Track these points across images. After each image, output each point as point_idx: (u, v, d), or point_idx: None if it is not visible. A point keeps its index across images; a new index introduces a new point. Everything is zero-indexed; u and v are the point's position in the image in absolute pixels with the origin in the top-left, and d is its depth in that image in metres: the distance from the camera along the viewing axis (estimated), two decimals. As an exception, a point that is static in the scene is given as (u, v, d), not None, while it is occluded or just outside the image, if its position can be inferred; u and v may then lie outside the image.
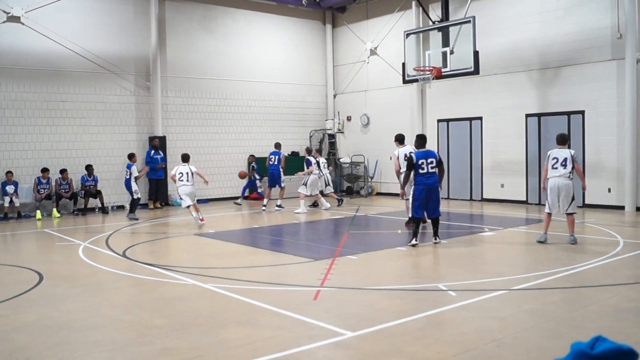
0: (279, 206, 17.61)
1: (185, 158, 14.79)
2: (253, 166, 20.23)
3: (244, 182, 20.32)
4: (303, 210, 16.80)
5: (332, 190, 18.65)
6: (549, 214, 11.06)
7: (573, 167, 10.68)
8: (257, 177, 20.39)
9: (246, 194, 20.47)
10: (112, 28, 18.85)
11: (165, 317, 6.66)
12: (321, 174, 17.67)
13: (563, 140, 11.01)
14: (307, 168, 17.50)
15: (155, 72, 19.36)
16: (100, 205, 17.89)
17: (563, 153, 10.78)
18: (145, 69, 19.51)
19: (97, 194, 17.83)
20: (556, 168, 10.74)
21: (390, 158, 21.57)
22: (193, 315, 6.69)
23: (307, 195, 17.46)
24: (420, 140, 11.53)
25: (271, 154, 18.06)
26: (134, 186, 16.30)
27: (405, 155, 12.95)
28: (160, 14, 19.63)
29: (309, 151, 18.15)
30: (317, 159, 17.84)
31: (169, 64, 20.01)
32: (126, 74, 19.12)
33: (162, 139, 19.38)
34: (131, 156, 16.77)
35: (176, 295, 7.72)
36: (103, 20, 18.67)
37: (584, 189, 11.37)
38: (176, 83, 20.19)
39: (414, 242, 10.87)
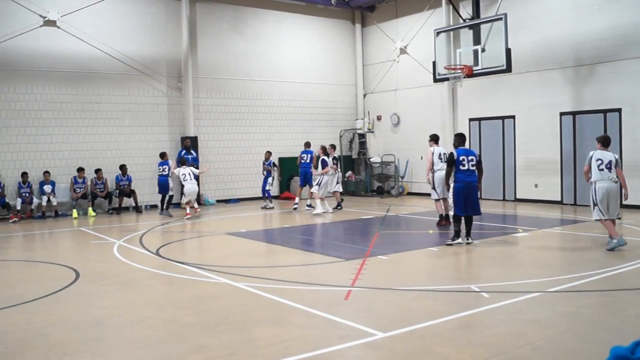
0: (310, 206, 17.58)
1: (183, 162, 16.58)
2: (273, 162, 19.53)
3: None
4: (321, 210, 16.57)
5: (341, 190, 18.19)
6: (606, 220, 10.49)
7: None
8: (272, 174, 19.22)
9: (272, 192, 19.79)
10: (145, 30, 19.13)
11: (198, 315, 6.71)
12: (337, 171, 17.58)
13: (607, 143, 10.65)
14: (323, 168, 17.00)
15: (186, 73, 19.57)
16: (134, 204, 18.18)
17: (608, 156, 10.44)
18: (177, 70, 19.73)
19: (131, 193, 18.14)
20: (602, 170, 10.33)
21: (422, 157, 21.51)
22: (225, 313, 6.73)
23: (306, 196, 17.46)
24: (461, 138, 11.46)
25: (303, 152, 18.07)
26: (171, 183, 17.05)
27: (440, 154, 13.05)
28: (191, 16, 19.83)
29: (324, 150, 17.46)
30: (333, 155, 17.59)
31: (200, 65, 20.19)
32: (158, 76, 19.37)
33: (194, 139, 19.56)
34: (163, 155, 17.46)
35: (208, 293, 7.79)
36: (136, 23, 18.96)
37: (626, 196, 10.92)
38: (207, 84, 20.38)
39: (459, 240, 10.82)
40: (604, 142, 10.70)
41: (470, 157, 10.96)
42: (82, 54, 17.93)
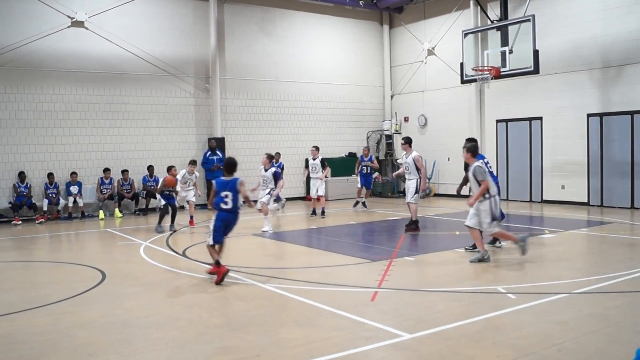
0: (363, 204, 18.02)
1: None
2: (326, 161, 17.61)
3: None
4: (269, 228, 13.80)
5: (322, 194, 16.67)
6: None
7: None
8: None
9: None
10: (172, 31, 19.31)
11: (224, 316, 6.77)
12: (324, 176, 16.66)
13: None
14: (276, 183, 14.19)
15: (214, 74, 19.74)
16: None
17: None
18: (205, 71, 19.90)
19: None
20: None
21: (449, 159, 21.43)
22: (251, 314, 6.78)
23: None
24: (476, 143, 11.24)
25: (362, 158, 18.39)
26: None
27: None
28: (219, 17, 19.98)
29: (270, 159, 14.84)
30: (317, 157, 16.73)
31: (228, 66, 20.34)
32: (186, 77, 19.55)
33: (221, 140, 19.70)
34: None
35: (235, 294, 7.84)
36: (163, 24, 19.14)
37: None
38: (234, 85, 20.52)
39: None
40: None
41: (486, 161, 10.75)
42: (110, 54, 18.16)
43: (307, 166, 17.28)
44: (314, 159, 16.82)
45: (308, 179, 17.36)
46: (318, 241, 12.85)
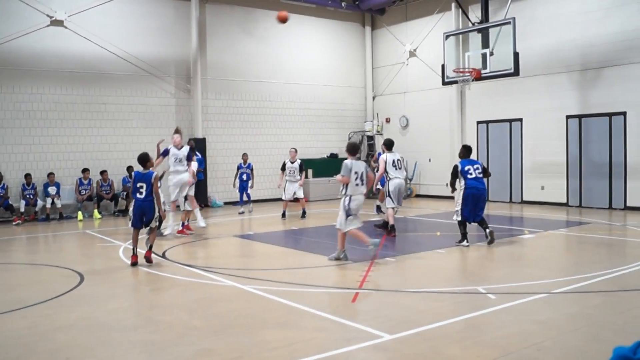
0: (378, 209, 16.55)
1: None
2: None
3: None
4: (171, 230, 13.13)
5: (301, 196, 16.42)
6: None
7: None
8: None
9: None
10: (153, 31, 19.18)
11: (205, 318, 6.72)
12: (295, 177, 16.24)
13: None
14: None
15: (195, 74, 19.63)
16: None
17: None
18: (186, 71, 19.79)
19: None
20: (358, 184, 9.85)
21: (430, 160, 21.52)
22: (232, 316, 6.74)
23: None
24: (465, 150, 11.51)
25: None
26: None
27: (394, 161, 12.51)
28: (200, 17, 19.88)
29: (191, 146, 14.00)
30: (296, 160, 16.41)
31: (209, 67, 20.25)
32: (167, 77, 19.43)
33: (202, 141, 19.58)
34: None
35: (215, 296, 7.79)
36: (144, 24, 19.00)
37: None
38: (216, 85, 20.43)
39: (465, 243, 10.99)
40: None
41: (475, 166, 11.16)
42: (89, 54, 17.98)
43: (283, 169, 16.44)
44: (292, 162, 16.36)
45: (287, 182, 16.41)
46: (298, 242, 12.82)
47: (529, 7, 18.39)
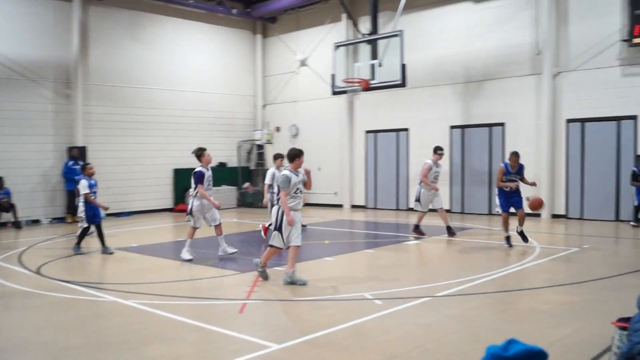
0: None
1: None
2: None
3: None
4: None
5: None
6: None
7: None
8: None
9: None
10: (29, 33, 17.99)
11: (83, 336, 6.34)
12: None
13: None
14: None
15: (76, 79, 18.67)
16: (13, 219, 16.73)
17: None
18: (66, 76, 18.75)
19: (10, 208, 16.74)
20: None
21: (319, 169, 21.69)
22: (113, 333, 6.43)
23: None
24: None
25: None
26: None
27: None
28: (83, 20, 18.95)
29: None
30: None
31: (92, 72, 19.33)
32: (44, 81, 18.30)
33: (83, 149, 18.62)
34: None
35: (95, 313, 7.42)
36: (19, 24, 17.75)
37: None
38: (99, 91, 19.52)
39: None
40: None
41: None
42: (-40, 57, 16.70)
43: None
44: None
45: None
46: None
47: (417, 20, 19.01)
